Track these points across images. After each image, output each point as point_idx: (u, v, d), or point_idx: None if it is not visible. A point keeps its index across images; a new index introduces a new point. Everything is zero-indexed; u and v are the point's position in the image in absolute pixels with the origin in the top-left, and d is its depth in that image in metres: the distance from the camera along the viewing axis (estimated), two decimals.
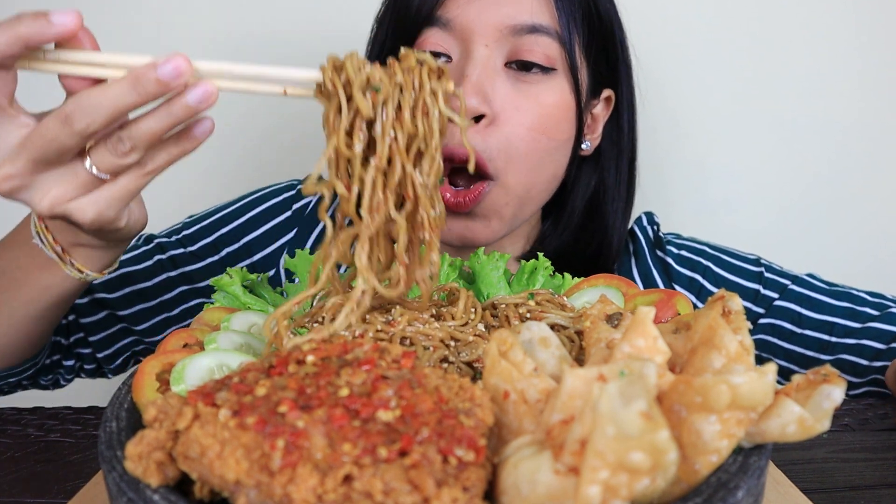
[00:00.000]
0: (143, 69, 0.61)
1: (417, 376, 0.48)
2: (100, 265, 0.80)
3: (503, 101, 0.94)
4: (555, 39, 0.95)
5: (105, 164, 0.65)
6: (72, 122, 0.61)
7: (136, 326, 1.11)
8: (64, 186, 0.66)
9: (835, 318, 1.08)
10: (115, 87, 0.61)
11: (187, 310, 1.12)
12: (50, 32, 0.61)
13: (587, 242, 1.11)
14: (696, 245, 1.17)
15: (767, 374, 0.44)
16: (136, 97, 0.61)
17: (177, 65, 0.60)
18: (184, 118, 0.63)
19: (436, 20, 0.95)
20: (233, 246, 1.14)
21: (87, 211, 0.67)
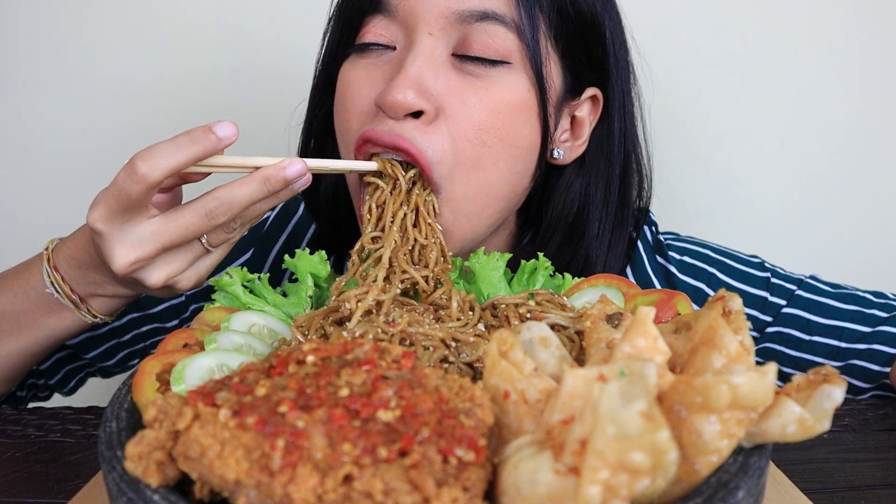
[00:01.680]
0: (272, 169, 0.73)
1: (417, 376, 0.48)
2: (113, 309, 0.87)
3: (447, 94, 0.82)
4: (510, 29, 0.83)
5: (217, 240, 0.76)
6: (215, 216, 0.72)
7: (84, 354, 1.08)
8: (180, 262, 0.75)
9: (844, 323, 1.04)
10: (249, 184, 0.72)
11: (140, 336, 1.09)
12: (219, 147, 0.70)
13: (564, 266, 0.95)
14: (698, 249, 1.11)
15: (767, 374, 0.44)
16: (266, 193, 0.73)
17: (300, 168, 0.73)
18: (283, 199, 0.75)
19: (380, 6, 0.86)
20: None
21: (190, 279, 0.77)
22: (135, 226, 0.71)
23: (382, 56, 0.87)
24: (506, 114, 0.84)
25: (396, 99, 0.79)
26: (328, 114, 0.96)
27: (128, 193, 0.69)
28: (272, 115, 1.49)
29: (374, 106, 0.84)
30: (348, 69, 0.89)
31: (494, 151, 0.84)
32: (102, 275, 0.82)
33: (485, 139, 0.83)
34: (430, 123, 0.82)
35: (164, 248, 0.72)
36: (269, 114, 1.49)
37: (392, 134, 0.81)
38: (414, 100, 0.79)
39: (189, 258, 0.75)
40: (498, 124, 0.84)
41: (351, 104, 0.87)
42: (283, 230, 1.13)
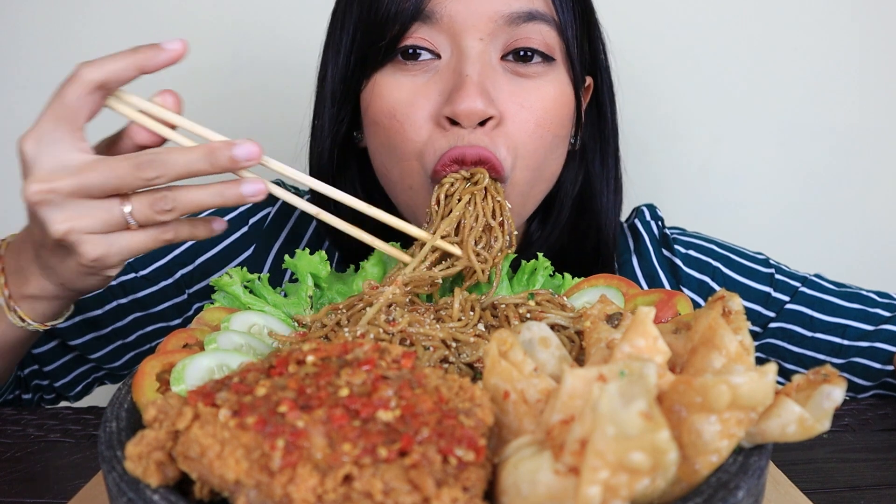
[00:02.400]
0: (220, 144, 0.68)
1: (417, 376, 0.48)
2: (43, 317, 0.81)
3: (507, 99, 0.86)
4: (552, 27, 0.87)
5: (140, 214, 0.69)
6: (144, 169, 0.66)
7: (90, 355, 1.07)
8: (90, 219, 0.68)
9: (847, 321, 1.05)
10: (191, 152, 0.68)
11: (144, 336, 1.08)
12: (161, 58, 0.69)
13: (582, 242, 1.04)
14: (704, 243, 1.12)
15: (767, 374, 0.44)
16: (207, 166, 0.68)
17: (250, 149, 0.68)
18: (230, 204, 0.70)
19: (421, 14, 0.85)
20: (187, 267, 1.08)
21: (97, 247, 0.69)
22: (60, 151, 0.68)
23: (427, 66, 0.86)
24: (557, 109, 0.89)
25: (473, 108, 0.81)
26: (347, 136, 0.96)
27: (62, 100, 0.67)
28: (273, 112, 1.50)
29: (433, 120, 0.85)
30: (389, 83, 0.87)
31: (547, 142, 0.90)
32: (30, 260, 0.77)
33: (541, 133, 0.88)
34: (496, 128, 0.85)
35: (81, 188, 0.67)
36: (270, 111, 1.50)
37: (474, 147, 0.83)
38: (485, 107, 0.82)
39: (103, 218, 0.68)
40: (551, 119, 0.89)
41: (406, 118, 0.86)
42: (283, 227, 1.13)
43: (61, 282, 0.76)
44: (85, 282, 0.75)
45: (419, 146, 0.86)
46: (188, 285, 1.09)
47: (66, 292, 0.79)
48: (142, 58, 0.69)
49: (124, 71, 0.68)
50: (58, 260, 0.73)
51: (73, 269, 0.73)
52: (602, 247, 1.04)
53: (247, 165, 0.69)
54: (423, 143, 0.85)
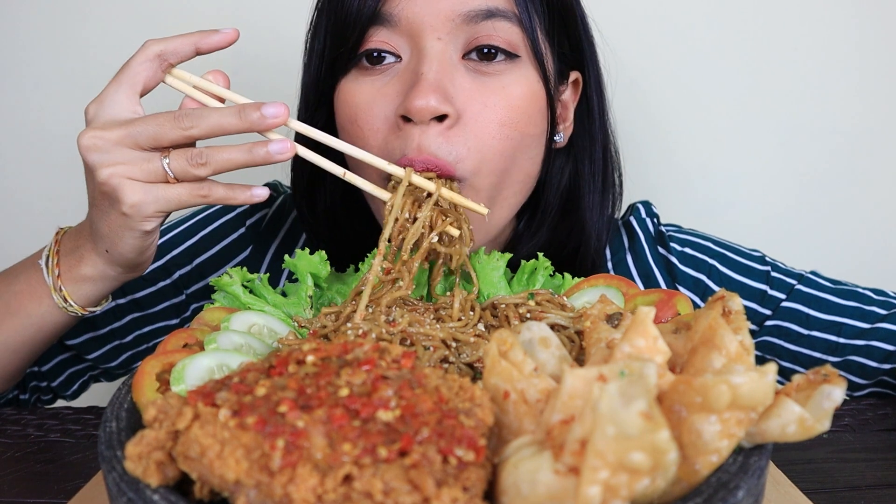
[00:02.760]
0: (250, 104, 0.75)
1: (417, 376, 0.48)
2: (86, 300, 0.86)
3: (467, 98, 0.84)
4: (514, 23, 0.85)
5: (176, 165, 0.75)
6: (181, 120, 0.74)
7: (86, 355, 1.08)
8: (133, 166, 0.75)
9: (843, 319, 1.05)
10: (225, 109, 0.75)
11: (141, 336, 1.09)
12: (215, 39, 0.79)
13: (563, 242, 1.02)
14: (699, 241, 1.12)
15: (767, 374, 0.44)
16: (238, 122, 0.74)
17: (278, 108, 0.75)
18: (259, 162, 0.75)
19: (379, 18, 0.84)
20: (185, 268, 1.09)
21: (136, 193, 0.75)
22: (115, 109, 0.76)
23: (388, 69, 0.86)
24: (523, 107, 0.87)
25: (424, 104, 0.80)
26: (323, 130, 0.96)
27: (126, 67, 0.78)
28: None
29: (390, 121, 0.85)
30: (352, 87, 0.88)
31: (514, 143, 0.87)
32: (85, 238, 0.83)
33: (507, 133, 0.86)
34: (452, 127, 0.84)
35: (127, 137, 0.74)
36: None
37: (422, 155, 0.82)
38: (438, 104, 0.81)
39: (144, 167, 0.75)
40: (517, 118, 0.87)
41: (365, 122, 0.86)
42: (280, 227, 1.13)
43: (105, 246, 0.81)
44: (124, 239, 0.79)
45: (375, 152, 0.85)
46: (186, 286, 1.09)
47: (112, 267, 0.83)
48: (199, 37, 0.79)
49: (182, 46, 0.79)
50: (102, 213, 0.78)
51: (114, 222, 0.78)
52: (584, 246, 1.02)
53: (274, 123, 0.75)
54: (378, 149, 0.85)
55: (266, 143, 0.75)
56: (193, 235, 1.10)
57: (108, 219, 0.78)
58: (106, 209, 0.77)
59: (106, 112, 0.76)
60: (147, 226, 0.77)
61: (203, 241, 1.10)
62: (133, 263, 0.83)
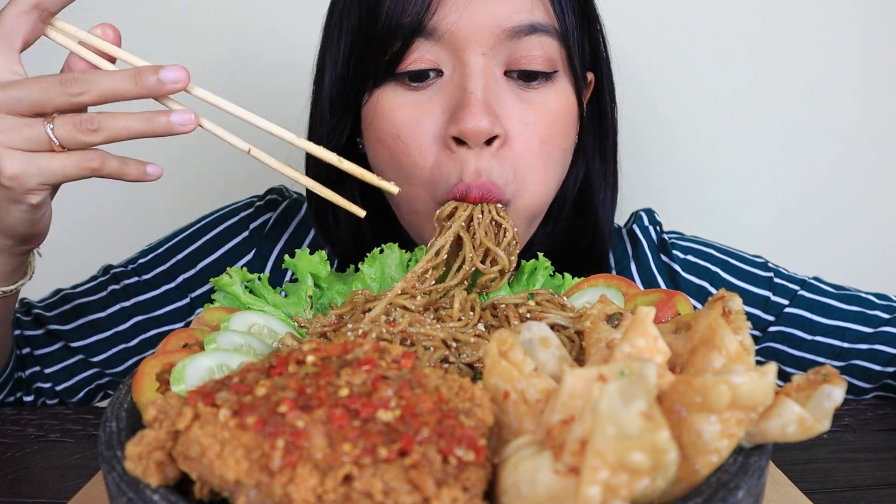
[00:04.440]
0: (147, 67, 0.68)
1: (417, 376, 0.48)
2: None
3: (510, 116, 0.83)
4: (555, 38, 0.85)
5: (62, 131, 0.68)
6: (70, 84, 0.67)
7: (92, 358, 1.07)
8: (12, 134, 0.68)
9: (846, 323, 1.05)
10: (118, 73, 0.68)
11: (146, 340, 1.08)
12: None
13: (579, 238, 1.02)
14: (702, 248, 1.12)
15: (768, 374, 0.44)
16: (133, 87, 0.68)
17: (177, 73, 0.68)
18: (159, 132, 0.69)
19: (424, 31, 0.82)
20: (189, 272, 1.09)
21: (16, 163, 0.68)
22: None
23: (429, 84, 0.84)
24: (560, 122, 0.88)
25: (479, 127, 0.79)
26: (349, 141, 0.94)
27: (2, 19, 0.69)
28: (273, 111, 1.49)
29: (439, 141, 0.83)
30: (392, 101, 0.85)
31: (553, 158, 0.88)
32: None
33: (548, 150, 0.87)
34: (501, 148, 0.83)
35: (5, 102, 0.67)
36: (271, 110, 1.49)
37: (480, 179, 0.81)
38: (490, 126, 0.80)
39: (25, 134, 0.68)
40: (555, 133, 0.87)
41: (411, 140, 0.84)
42: (284, 231, 1.13)
43: None
44: (9, 212, 0.73)
45: (426, 172, 0.84)
46: (190, 290, 1.10)
47: (3, 239, 0.77)
48: None
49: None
50: None
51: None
52: (597, 243, 1.03)
53: (173, 88, 0.69)
54: (430, 170, 0.84)
55: (168, 113, 0.69)
56: (197, 240, 1.11)
57: None
58: None
59: None
60: (32, 199, 0.71)
61: (206, 245, 1.10)
62: (25, 236, 0.77)
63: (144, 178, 0.73)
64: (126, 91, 0.68)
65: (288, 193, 1.18)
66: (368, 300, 0.72)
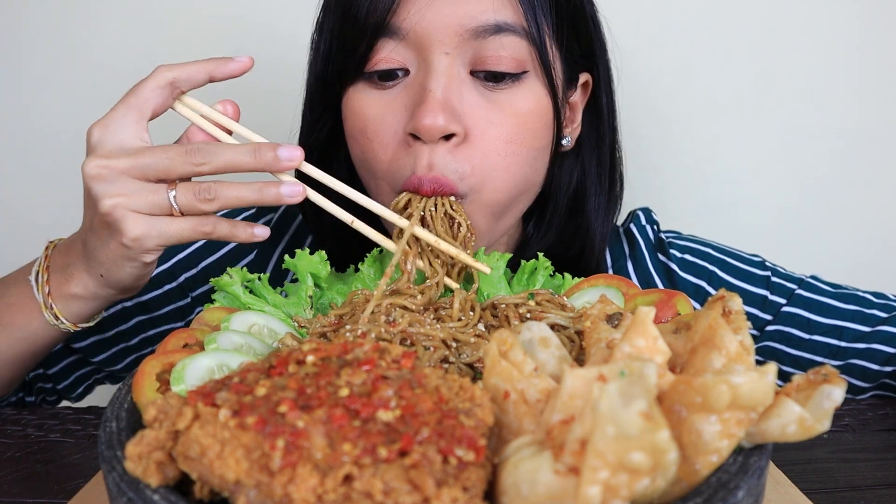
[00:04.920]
0: (266, 144, 0.74)
1: (417, 376, 0.48)
2: (76, 317, 0.85)
3: (473, 114, 0.83)
4: (523, 37, 0.84)
5: (183, 199, 0.74)
6: (192, 154, 0.73)
7: (92, 358, 1.08)
8: (138, 198, 0.73)
9: (844, 322, 1.05)
10: (239, 147, 0.74)
11: (147, 339, 1.09)
12: (230, 67, 0.78)
13: (569, 243, 1.02)
14: (699, 247, 1.12)
15: (768, 374, 0.44)
16: (251, 161, 0.73)
17: (294, 152, 0.74)
18: (268, 202, 0.75)
19: (387, 30, 0.83)
20: (191, 271, 1.09)
21: (139, 226, 0.73)
22: (123, 136, 0.74)
23: (397, 82, 0.86)
24: (529, 123, 0.86)
25: (433, 123, 0.79)
26: (328, 137, 0.96)
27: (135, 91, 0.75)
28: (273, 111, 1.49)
29: (399, 136, 0.85)
30: (361, 99, 0.87)
31: (520, 158, 0.87)
32: (78, 257, 0.81)
33: (513, 149, 0.86)
34: (459, 145, 0.83)
35: (134, 167, 0.72)
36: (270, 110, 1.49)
37: (431, 173, 0.82)
38: (446, 123, 0.80)
39: (149, 199, 0.73)
40: (523, 134, 0.86)
41: (374, 135, 0.86)
42: (285, 232, 1.14)
43: (101, 272, 0.79)
44: (122, 268, 0.78)
45: (385, 165, 0.86)
46: (191, 289, 1.10)
47: (104, 289, 0.82)
48: (213, 65, 0.77)
49: (196, 73, 0.77)
50: (101, 242, 0.77)
51: (113, 252, 0.76)
52: (588, 249, 1.02)
53: (288, 166, 0.74)
54: (388, 163, 0.86)
55: (278, 185, 0.74)
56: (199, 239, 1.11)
57: (107, 248, 0.76)
58: (105, 238, 0.76)
59: (112, 138, 0.74)
60: (147, 258, 0.77)
61: (209, 245, 1.10)
62: (128, 287, 0.82)
63: (252, 239, 0.78)
64: (244, 164, 0.73)
65: None
66: (368, 300, 0.72)
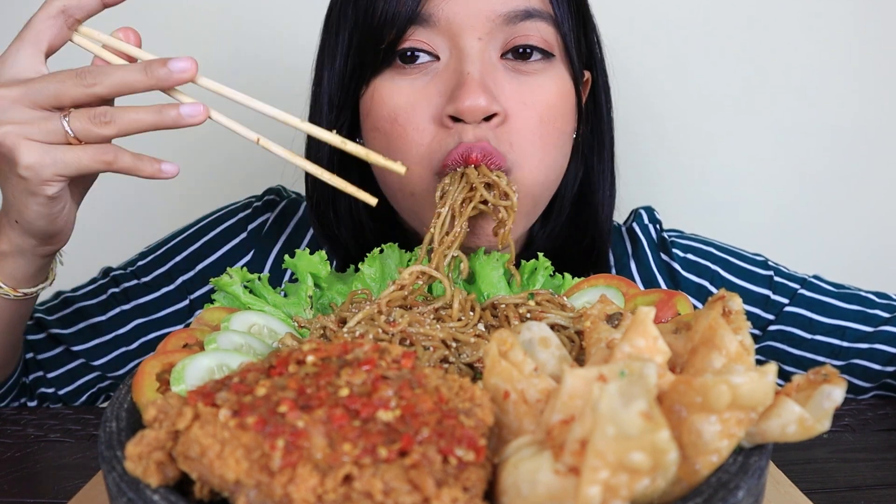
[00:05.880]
0: (156, 59, 0.71)
1: (417, 376, 0.48)
2: (12, 279, 0.83)
3: (508, 97, 0.85)
4: (550, 23, 0.87)
5: (78, 124, 0.71)
6: (84, 77, 0.70)
7: (93, 362, 1.08)
8: (31, 126, 0.71)
9: (846, 322, 1.05)
10: (130, 66, 0.71)
11: (146, 343, 1.09)
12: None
13: (579, 237, 1.03)
14: (702, 246, 1.12)
15: (768, 374, 0.44)
16: (144, 78, 0.70)
17: (185, 63, 0.70)
18: (169, 124, 0.71)
19: (418, 18, 0.84)
20: (188, 274, 1.10)
21: (32, 154, 0.71)
22: (17, 68, 0.73)
23: (426, 68, 0.86)
24: (559, 105, 0.89)
25: (475, 104, 0.80)
26: (349, 133, 0.94)
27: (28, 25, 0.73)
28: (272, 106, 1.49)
29: (437, 121, 0.85)
30: (389, 86, 0.87)
31: (553, 139, 0.89)
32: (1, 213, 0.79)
33: (547, 130, 0.88)
34: (499, 126, 0.85)
35: (25, 95, 0.70)
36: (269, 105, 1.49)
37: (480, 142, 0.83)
38: (488, 104, 0.82)
39: (42, 126, 0.70)
40: (554, 115, 0.88)
41: (408, 121, 0.85)
42: (282, 232, 1.13)
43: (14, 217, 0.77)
44: (28, 206, 0.75)
45: (423, 148, 0.85)
46: (189, 291, 1.10)
47: (25, 238, 0.79)
48: None
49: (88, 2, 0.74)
50: (4, 178, 0.75)
51: (15, 187, 0.74)
52: (598, 242, 1.03)
53: (181, 78, 0.71)
54: (427, 145, 0.85)
55: (177, 105, 0.71)
56: (195, 241, 1.11)
57: (10, 183, 0.74)
58: (6, 173, 0.74)
59: (7, 72, 0.72)
60: (48, 190, 0.73)
61: (205, 246, 1.10)
62: (45, 233, 0.79)
63: (159, 175, 0.75)
64: (137, 82, 0.70)
65: (286, 193, 1.18)
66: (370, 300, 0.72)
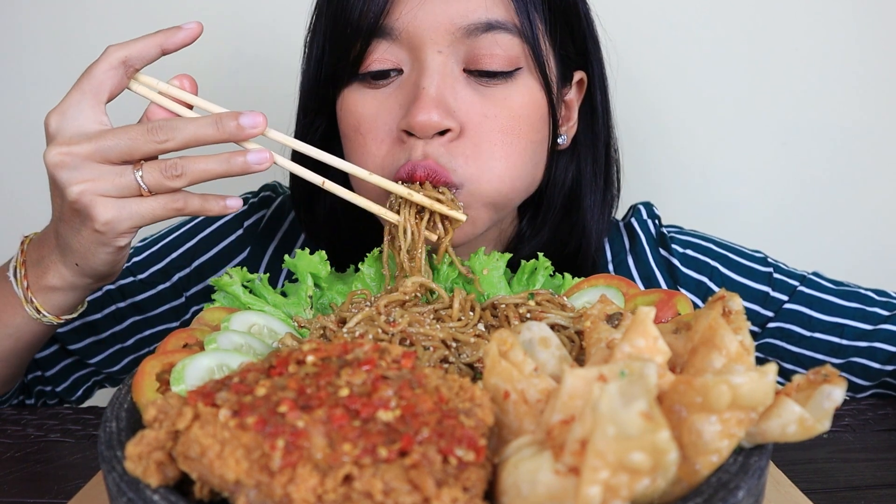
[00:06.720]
0: (227, 113, 0.73)
1: (417, 376, 0.48)
2: (58, 309, 0.84)
3: (468, 110, 0.85)
4: (515, 35, 0.85)
5: (150, 178, 0.73)
6: (156, 133, 0.71)
7: (88, 359, 1.08)
8: (105, 182, 0.72)
9: (845, 320, 1.04)
10: (200, 119, 0.73)
11: (142, 340, 1.09)
12: (179, 36, 0.76)
13: (564, 241, 1.02)
14: (701, 242, 1.12)
15: (768, 374, 0.44)
16: (215, 133, 0.72)
17: (256, 118, 0.73)
18: (237, 172, 0.74)
19: (380, 31, 0.84)
20: (184, 270, 1.09)
21: (108, 210, 0.72)
22: (81, 121, 0.73)
23: (391, 81, 0.87)
24: (524, 115, 0.88)
25: (427, 120, 0.81)
26: (322, 139, 0.96)
27: (88, 75, 0.74)
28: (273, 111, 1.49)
29: (393, 134, 0.86)
30: (355, 98, 0.88)
31: (518, 148, 0.88)
32: (51, 249, 0.80)
33: (510, 140, 0.87)
34: (454, 140, 0.85)
35: (97, 152, 0.71)
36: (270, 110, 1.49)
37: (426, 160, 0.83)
38: (440, 119, 0.82)
39: (116, 182, 0.72)
40: (519, 125, 0.87)
41: (368, 132, 0.87)
42: (278, 229, 1.13)
43: (75, 260, 0.79)
44: (97, 255, 0.77)
45: (378, 160, 0.86)
46: (185, 288, 1.09)
47: (81, 278, 0.81)
48: (162, 37, 0.76)
49: (146, 48, 0.75)
50: (72, 230, 0.76)
51: (86, 239, 0.75)
52: (584, 248, 1.02)
53: (251, 133, 0.73)
54: (381, 158, 0.86)
55: (244, 153, 0.73)
56: (191, 238, 1.11)
57: (80, 236, 0.76)
58: (77, 226, 0.75)
59: (71, 125, 0.73)
60: (121, 242, 0.76)
61: (201, 243, 1.10)
62: (104, 274, 0.82)
63: (225, 211, 0.77)
64: (208, 136, 0.72)
65: (282, 189, 1.18)
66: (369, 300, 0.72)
